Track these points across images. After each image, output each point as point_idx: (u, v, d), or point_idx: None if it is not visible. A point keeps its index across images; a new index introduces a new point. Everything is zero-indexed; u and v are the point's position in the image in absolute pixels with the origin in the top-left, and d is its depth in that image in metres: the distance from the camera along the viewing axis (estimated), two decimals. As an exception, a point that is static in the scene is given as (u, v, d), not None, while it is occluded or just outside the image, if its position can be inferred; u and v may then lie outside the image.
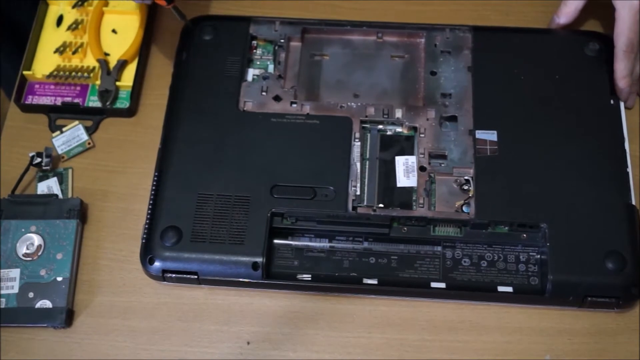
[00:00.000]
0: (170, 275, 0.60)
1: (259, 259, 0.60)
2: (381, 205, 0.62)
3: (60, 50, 0.71)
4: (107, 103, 0.69)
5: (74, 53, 0.71)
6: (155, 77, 0.71)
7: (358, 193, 0.62)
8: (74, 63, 0.71)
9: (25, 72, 0.70)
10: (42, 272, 0.61)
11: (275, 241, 0.62)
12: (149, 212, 0.62)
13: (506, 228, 0.61)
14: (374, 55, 0.70)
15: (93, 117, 0.69)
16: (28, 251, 0.62)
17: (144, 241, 0.61)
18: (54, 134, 0.67)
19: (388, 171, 0.64)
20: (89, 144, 0.68)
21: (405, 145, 0.65)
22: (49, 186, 0.66)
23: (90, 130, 0.68)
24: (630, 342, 0.59)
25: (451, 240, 0.61)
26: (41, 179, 0.66)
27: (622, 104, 0.65)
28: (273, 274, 0.61)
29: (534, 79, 0.66)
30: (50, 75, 0.70)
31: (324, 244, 0.62)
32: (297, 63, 0.69)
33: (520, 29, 0.70)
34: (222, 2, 0.74)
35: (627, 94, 0.65)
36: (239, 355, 0.60)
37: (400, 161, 0.64)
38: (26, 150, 0.66)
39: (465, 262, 0.61)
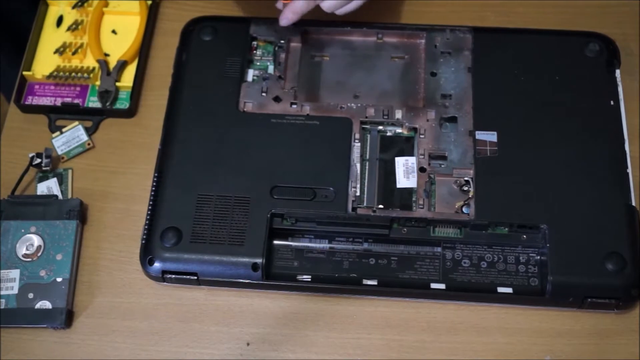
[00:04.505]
0: (170, 276, 0.60)
1: (259, 260, 0.60)
2: (381, 206, 0.62)
3: (60, 51, 0.71)
4: (107, 104, 0.69)
5: (73, 54, 0.71)
6: (155, 77, 0.71)
7: (358, 194, 0.62)
8: (73, 64, 0.71)
9: (25, 73, 0.70)
10: (42, 273, 0.61)
11: (275, 242, 0.62)
12: (149, 212, 0.62)
13: (506, 229, 0.61)
14: (374, 56, 0.70)
15: (93, 118, 0.69)
16: (28, 252, 0.62)
17: (143, 242, 0.61)
18: (53, 135, 0.67)
19: (388, 172, 0.64)
20: (89, 144, 0.68)
21: (405, 146, 0.65)
22: (49, 187, 0.66)
23: (90, 131, 0.68)
24: (630, 343, 0.59)
25: (451, 241, 0.61)
26: (41, 180, 0.66)
27: (622, 105, 0.65)
28: (273, 275, 0.61)
29: (534, 80, 0.66)
30: (50, 76, 0.70)
31: (324, 244, 0.62)
32: (297, 64, 0.69)
33: (520, 29, 0.70)
34: (222, 3, 0.74)
35: None
36: (238, 356, 0.60)
37: (400, 162, 0.64)
38: (26, 150, 0.66)
39: (465, 263, 0.61)
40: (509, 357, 0.59)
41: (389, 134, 0.66)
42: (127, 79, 0.70)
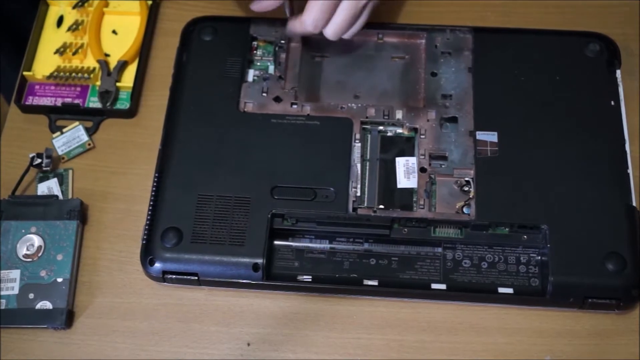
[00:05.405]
0: (170, 276, 0.60)
1: (260, 260, 0.60)
2: (382, 206, 0.62)
3: (61, 51, 0.71)
4: (108, 104, 0.69)
5: (74, 54, 0.71)
6: (155, 78, 0.71)
7: (358, 194, 0.62)
8: (74, 64, 0.71)
9: (25, 73, 0.70)
10: (43, 273, 0.61)
11: (276, 242, 0.62)
12: (149, 213, 0.62)
13: (507, 229, 0.61)
14: (374, 56, 0.70)
15: (93, 118, 0.69)
16: (28, 252, 0.62)
17: (144, 242, 0.61)
18: (54, 135, 0.67)
19: (388, 172, 0.64)
20: (89, 144, 0.68)
21: (405, 147, 0.65)
22: (49, 187, 0.66)
23: (90, 131, 0.68)
24: (630, 343, 0.59)
25: (452, 242, 0.61)
26: (41, 180, 0.66)
27: (622, 105, 0.65)
28: (273, 275, 0.61)
29: (535, 80, 0.66)
30: (50, 76, 0.70)
31: (325, 245, 0.62)
32: (297, 64, 0.69)
33: (521, 29, 0.70)
34: (222, 3, 0.74)
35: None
36: (239, 357, 0.60)
37: (401, 162, 0.64)
38: (26, 151, 0.66)
39: (465, 263, 0.61)
40: (509, 357, 0.59)
41: (389, 134, 0.66)
42: (128, 79, 0.70)
